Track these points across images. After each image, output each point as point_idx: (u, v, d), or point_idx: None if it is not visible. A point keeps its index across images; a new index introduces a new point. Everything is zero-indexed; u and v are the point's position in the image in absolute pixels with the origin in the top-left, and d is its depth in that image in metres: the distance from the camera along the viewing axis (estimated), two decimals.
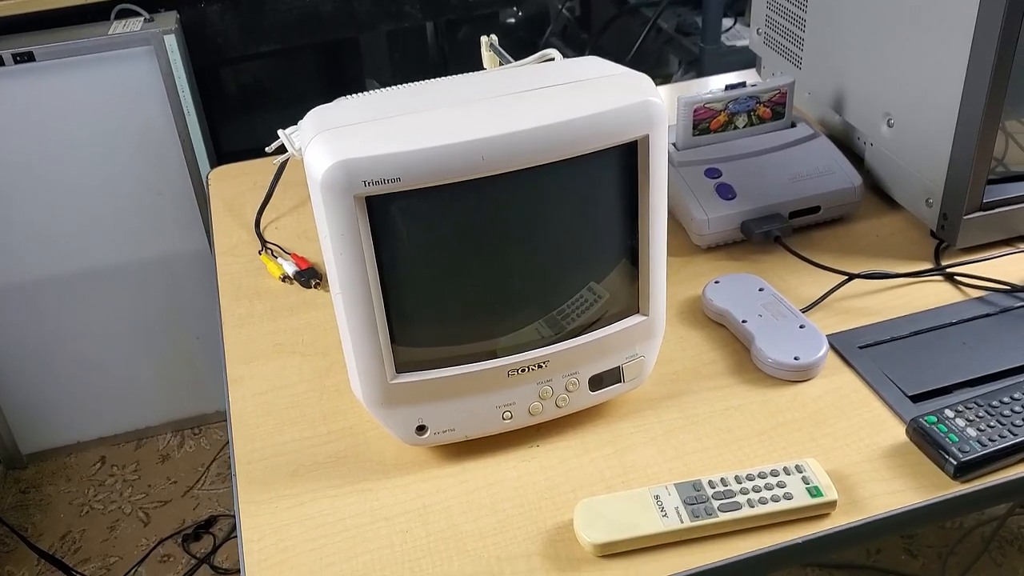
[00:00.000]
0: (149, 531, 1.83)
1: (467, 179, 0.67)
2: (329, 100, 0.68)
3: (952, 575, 1.61)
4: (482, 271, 0.72)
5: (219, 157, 1.78)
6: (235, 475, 0.80)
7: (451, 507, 0.76)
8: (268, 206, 1.16)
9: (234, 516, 1.61)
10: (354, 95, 0.72)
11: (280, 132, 0.76)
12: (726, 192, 1.01)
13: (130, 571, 1.75)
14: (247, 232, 1.13)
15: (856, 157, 1.10)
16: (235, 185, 1.23)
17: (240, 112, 1.87)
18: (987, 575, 1.62)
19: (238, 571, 1.71)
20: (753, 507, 0.71)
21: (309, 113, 0.71)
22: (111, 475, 1.96)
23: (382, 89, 0.73)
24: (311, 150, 0.67)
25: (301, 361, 0.92)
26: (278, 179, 1.16)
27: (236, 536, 1.78)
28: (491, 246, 0.71)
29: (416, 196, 0.67)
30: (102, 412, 1.99)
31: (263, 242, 1.10)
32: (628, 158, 0.72)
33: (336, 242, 0.69)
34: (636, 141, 0.71)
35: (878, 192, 1.09)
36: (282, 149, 0.77)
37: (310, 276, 1.03)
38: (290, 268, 1.04)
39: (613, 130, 0.69)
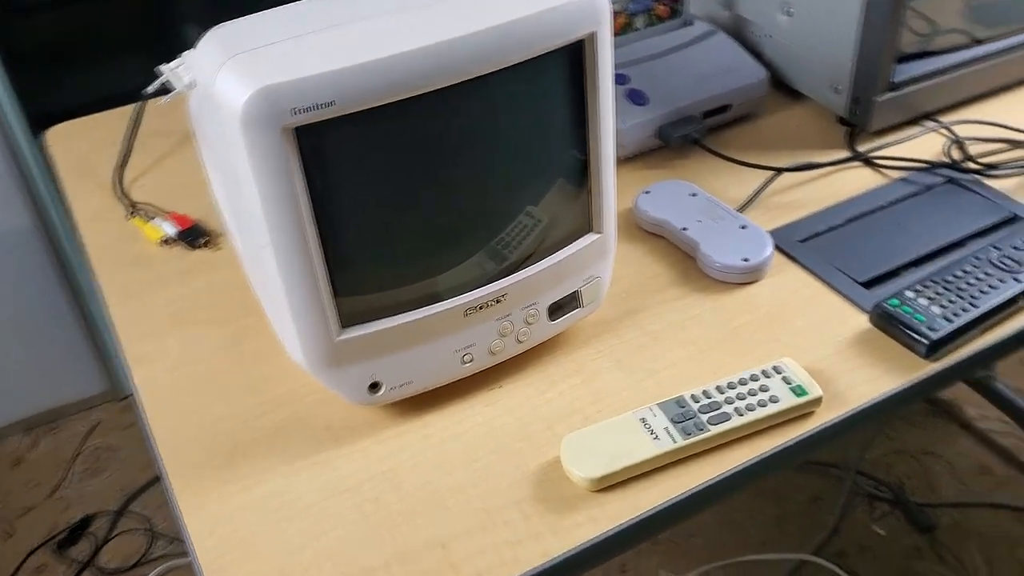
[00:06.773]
0: (16, 544, 1.65)
1: (407, 97, 0.59)
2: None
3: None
4: (427, 200, 0.64)
5: (34, 122, 1.58)
6: (163, 468, 0.70)
7: (420, 465, 0.69)
8: (127, 163, 1.02)
9: (113, 513, 1.46)
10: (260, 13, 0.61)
11: (162, 68, 0.64)
12: (638, 98, 0.96)
13: None
14: (107, 195, 0.99)
15: (754, 51, 1.07)
16: (78, 145, 1.08)
17: (50, 70, 1.66)
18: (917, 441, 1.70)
19: (129, 568, 1.58)
20: (742, 415, 0.68)
21: (209, 34, 0.61)
22: None
23: (291, 4, 0.63)
24: (222, 79, 0.57)
25: (205, 330, 0.82)
26: (135, 130, 1.02)
27: (115, 535, 1.64)
28: (436, 171, 0.64)
29: (350, 122, 0.59)
30: None
31: (131, 204, 0.96)
32: (573, 61, 0.65)
33: (262, 185, 0.59)
34: (583, 40, 0.64)
35: (780, 86, 1.07)
36: (164, 90, 0.66)
37: (195, 235, 0.91)
38: (170, 229, 0.92)
39: (559, 29, 0.63)
